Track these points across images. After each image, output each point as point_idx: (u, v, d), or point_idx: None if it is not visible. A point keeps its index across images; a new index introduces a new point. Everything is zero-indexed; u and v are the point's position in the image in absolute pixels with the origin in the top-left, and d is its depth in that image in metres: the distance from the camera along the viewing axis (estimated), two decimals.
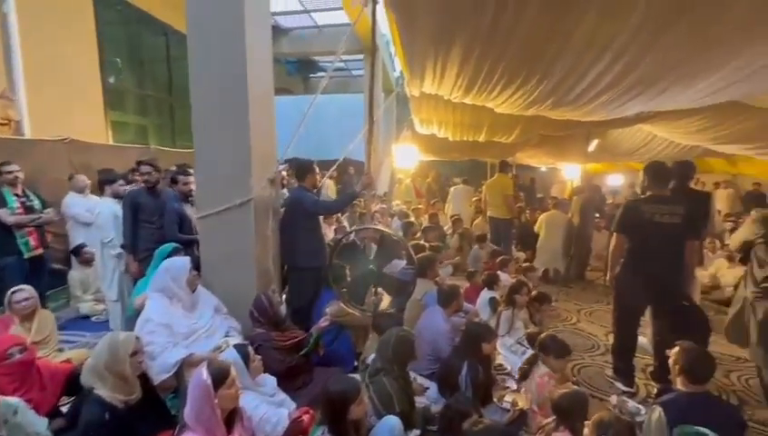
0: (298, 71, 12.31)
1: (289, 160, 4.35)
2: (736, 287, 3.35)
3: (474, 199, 7.00)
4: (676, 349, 1.98)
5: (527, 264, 4.63)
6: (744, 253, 2.73)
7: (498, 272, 4.06)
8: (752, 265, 2.65)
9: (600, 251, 5.75)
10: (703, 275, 5.07)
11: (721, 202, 9.33)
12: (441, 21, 2.86)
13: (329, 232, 5.25)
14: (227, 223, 2.76)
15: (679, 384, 1.95)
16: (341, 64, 11.31)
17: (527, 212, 7.14)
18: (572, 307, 4.45)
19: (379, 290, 2.79)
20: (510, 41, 2.95)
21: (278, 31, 9.08)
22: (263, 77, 2.95)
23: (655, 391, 2.80)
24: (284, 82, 12.20)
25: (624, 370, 2.88)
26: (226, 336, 2.41)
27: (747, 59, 2.97)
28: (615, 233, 2.85)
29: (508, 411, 2.38)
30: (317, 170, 3.38)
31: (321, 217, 3.46)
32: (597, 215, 6.48)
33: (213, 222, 2.79)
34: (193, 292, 2.42)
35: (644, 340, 3.16)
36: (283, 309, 2.69)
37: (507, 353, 3.12)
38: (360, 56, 9.65)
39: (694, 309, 2.78)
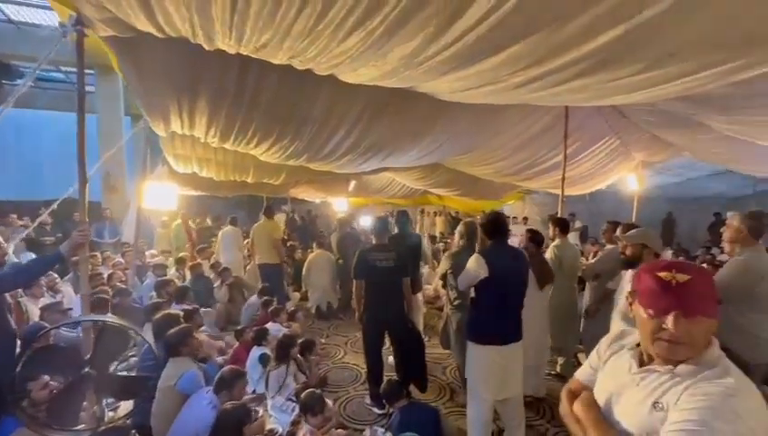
0: None
1: None
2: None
3: (245, 242, 6.72)
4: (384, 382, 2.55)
5: (294, 308, 4.76)
6: (444, 280, 3.72)
7: (269, 324, 3.98)
8: (448, 289, 3.66)
9: None
10: (428, 289, 6.65)
11: (439, 226, 12.95)
12: (178, 71, 2.63)
13: (34, 309, 3.79)
14: None
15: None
16: (61, 76, 8.70)
17: (300, 251, 7.45)
18: (340, 340, 4.87)
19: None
20: (257, 104, 3.04)
21: None
22: None
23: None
24: None
25: (376, 394, 3.34)
26: None
27: (432, 138, 4.17)
28: (354, 280, 3.33)
29: None
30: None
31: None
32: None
33: None
34: None
35: (391, 359, 3.80)
36: None
37: (279, 414, 3.04)
38: (91, 71, 7.77)
39: (415, 331, 3.58)
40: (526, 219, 10.59)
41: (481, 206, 10.54)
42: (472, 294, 2.61)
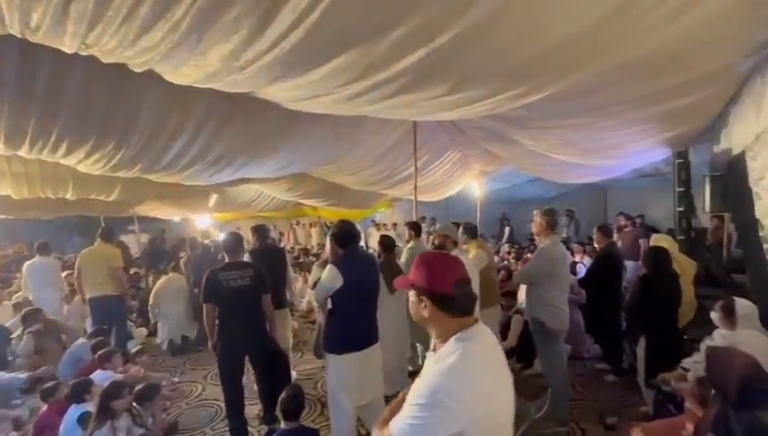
0: None
1: None
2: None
3: (65, 274, 5.35)
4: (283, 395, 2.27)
5: (137, 348, 4.00)
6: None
7: (96, 373, 3.22)
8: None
9: None
10: (302, 302, 6.46)
11: (315, 237, 12.82)
12: None
13: None
14: None
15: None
16: None
17: (150, 277, 6.35)
18: (198, 375, 4.28)
19: None
20: (61, 100, 2.47)
21: None
22: None
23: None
24: None
25: (237, 429, 3.01)
26: None
27: (291, 148, 4.08)
28: (204, 304, 2.95)
29: None
30: None
31: None
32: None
33: None
34: None
35: (255, 386, 3.50)
36: None
37: None
38: None
39: (279, 352, 3.38)
40: (395, 224, 11.32)
41: (354, 215, 10.84)
42: (329, 306, 2.57)
